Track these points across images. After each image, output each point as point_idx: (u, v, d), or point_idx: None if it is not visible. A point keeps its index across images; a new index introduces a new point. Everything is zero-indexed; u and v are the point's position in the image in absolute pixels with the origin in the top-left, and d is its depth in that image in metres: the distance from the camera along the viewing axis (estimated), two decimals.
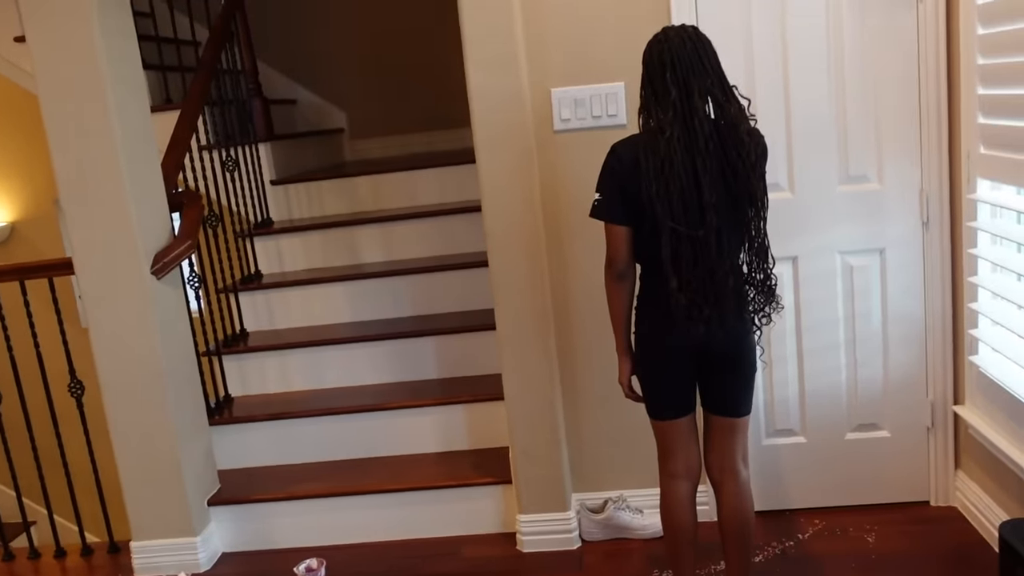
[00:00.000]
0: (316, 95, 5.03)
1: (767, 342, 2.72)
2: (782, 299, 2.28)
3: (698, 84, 1.93)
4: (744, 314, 2.06)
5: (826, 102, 2.59)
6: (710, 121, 1.94)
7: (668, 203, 1.93)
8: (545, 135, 2.67)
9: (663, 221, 1.94)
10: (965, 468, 2.72)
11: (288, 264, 3.83)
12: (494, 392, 2.99)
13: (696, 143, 1.92)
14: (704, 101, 1.93)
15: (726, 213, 1.96)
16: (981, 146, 2.39)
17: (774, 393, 2.77)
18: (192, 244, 2.85)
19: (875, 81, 2.56)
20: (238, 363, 3.42)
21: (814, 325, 2.72)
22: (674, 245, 1.95)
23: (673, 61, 1.94)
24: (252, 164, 3.84)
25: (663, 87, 1.94)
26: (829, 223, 2.65)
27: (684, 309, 1.97)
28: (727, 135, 1.94)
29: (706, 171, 1.92)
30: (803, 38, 2.55)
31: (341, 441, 3.18)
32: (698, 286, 1.96)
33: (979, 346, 2.52)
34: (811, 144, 2.62)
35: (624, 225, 2.03)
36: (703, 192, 1.92)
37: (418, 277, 3.53)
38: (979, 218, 2.45)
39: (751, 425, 2.72)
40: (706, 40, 1.99)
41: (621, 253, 2.06)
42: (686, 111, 1.92)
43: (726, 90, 1.96)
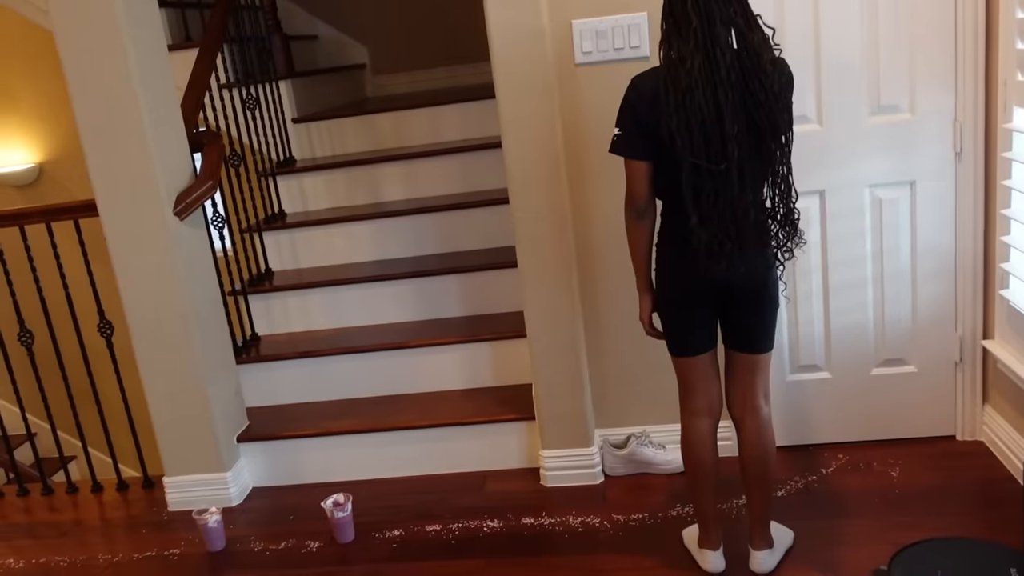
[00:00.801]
0: (337, 30, 4.96)
1: (792, 278, 2.69)
2: (804, 234, 2.24)
3: (720, 12, 1.86)
4: (767, 249, 2.03)
5: (857, 30, 2.49)
6: (732, 51, 1.88)
7: (689, 137, 1.88)
8: (566, 69, 2.61)
9: (684, 155, 1.90)
10: (993, 403, 2.69)
11: (311, 203, 3.83)
12: (518, 329, 2.99)
13: (718, 73, 1.86)
14: (726, 30, 1.87)
15: (748, 146, 1.91)
16: (1019, 74, 2.30)
17: (799, 330, 2.75)
18: (214, 184, 2.85)
19: (909, 7, 2.45)
20: (264, 302, 3.45)
21: (841, 261, 2.67)
22: (695, 180, 1.92)
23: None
24: (273, 102, 3.82)
25: (684, 16, 1.88)
26: (859, 156, 2.58)
27: (705, 246, 1.94)
28: (750, 65, 1.88)
29: (728, 102, 1.87)
30: None
31: (366, 379, 3.21)
32: (719, 222, 1.93)
33: (1010, 280, 2.47)
34: (841, 74, 2.53)
35: (644, 160, 2.00)
36: (725, 124, 1.87)
37: (441, 215, 3.52)
38: (1014, 148, 2.37)
39: (775, 361, 2.72)
40: None
41: (641, 189, 2.02)
42: (707, 40, 1.86)
43: (749, 18, 1.90)
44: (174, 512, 2.98)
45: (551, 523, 2.63)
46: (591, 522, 2.60)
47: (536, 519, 2.66)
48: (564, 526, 2.60)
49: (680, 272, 2.05)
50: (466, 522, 2.69)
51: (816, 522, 2.43)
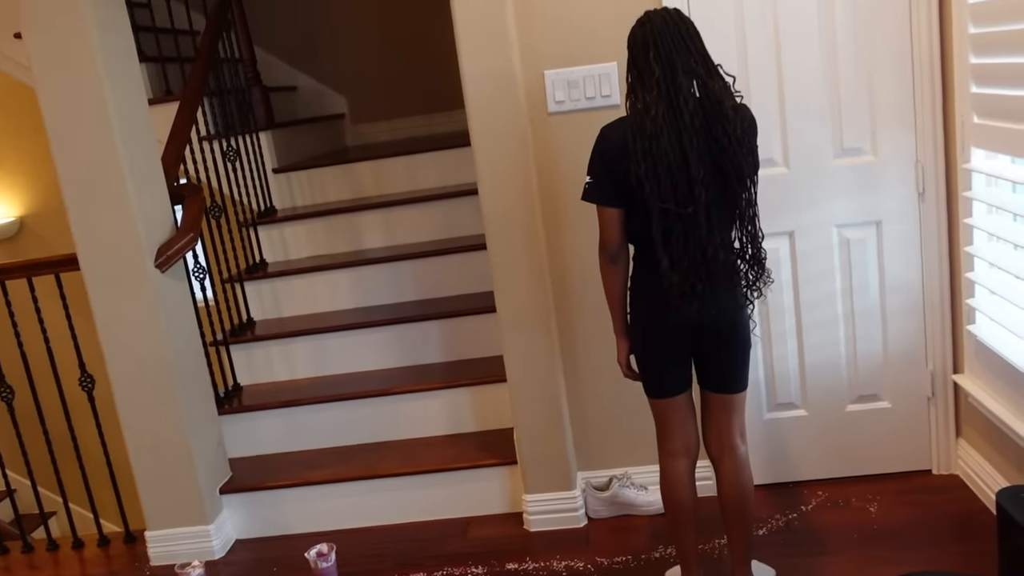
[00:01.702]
0: (316, 81, 5.04)
1: (766, 318, 2.74)
2: (772, 273, 2.29)
3: (681, 62, 1.94)
4: (737, 289, 2.08)
5: (819, 76, 2.58)
6: (695, 98, 1.96)
7: (657, 182, 1.95)
8: (540, 117, 2.68)
9: (653, 200, 1.95)
10: (966, 436, 2.73)
11: (292, 252, 3.86)
12: (498, 374, 3.02)
13: (682, 120, 1.93)
14: (688, 79, 1.95)
15: (715, 189, 1.98)
16: (975, 115, 2.38)
17: (774, 368, 2.79)
18: (195, 236, 2.89)
19: (868, 54, 2.55)
20: (246, 352, 3.47)
21: (812, 299, 2.73)
22: (664, 224, 1.97)
23: (656, 41, 1.95)
24: (253, 153, 3.87)
25: (647, 67, 1.96)
26: (825, 197, 2.65)
27: (677, 287, 1.99)
28: (712, 111, 1.96)
29: (693, 147, 1.93)
30: (794, 11, 2.54)
31: (349, 427, 3.22)
32: (690, 264, 1.99)
33: (976, 315, 2.53)
34: (805, 118, 2.61)
35: (615, 207, 2.05)
36: (691, 168, 1.94)
37: (420, 261, 3.56)
38: (974, 188, 2.45)
39: (752, 400, 2.76)
40: (688, 21, 2.00)
41: (613, 235, 2.08)
42: (671, 89, 1.94)
43: (710, 68, 1.98)
44: (156, 567, 2.96)
45: (535, 568, 2.63)
46: (575, 566, 2.61)
47: (520, 564, 2.66)
48: (548, 570, 2.61)
49: (654, 314, 2.09)
50: (450, 569, 2.69)
51: (797, 560, 2.45)
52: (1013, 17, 2.10)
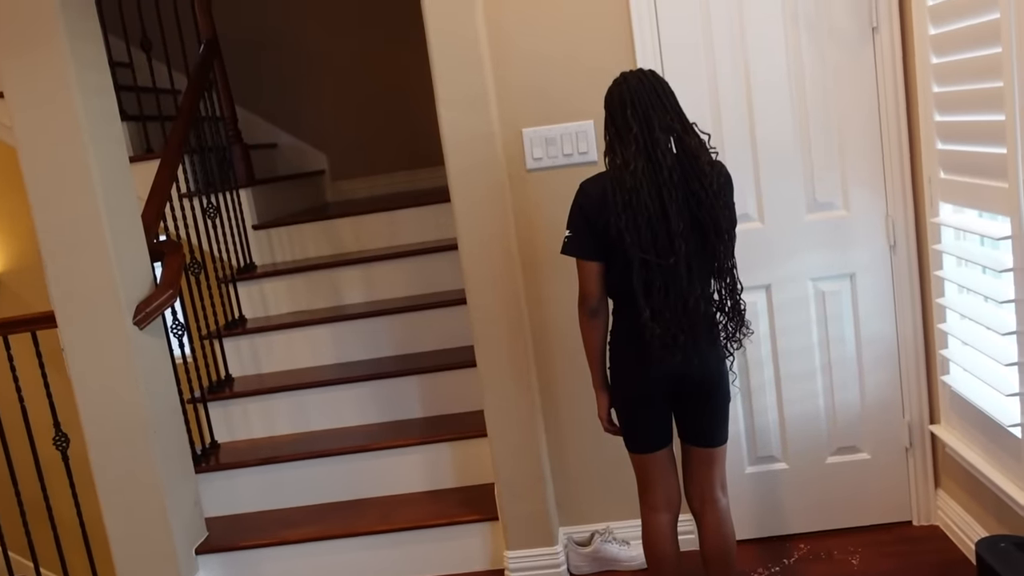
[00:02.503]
0: (296, 138, 5.09)
1: (745, 371, 2.76)
2: (752, 325, 2.33)
3: (658, 119, 2.00)
4: (716, 341, 2.11)
5: (791, 135, 2.65)
6: (672, 154, 2.01)
7: (638, 233, 1.98)
8: (518, 174, 2.73)
9: (634, 252, 1.99)
10: (945, 487, 2.75)
11: (272, 308, 3.86)
12: (479, 429, 3.02)
13: (660, 174, 1.98)
14: (665, 135, 2.00)
15: (694, 242, 2.02)
16: (941, 171, 2.45)
17: (755, 421, 2.81)
18: (174, 293, 2.88)
19: (837, 113, 2.62)
20: (223, 409, 3.44)
21: (790, 351, 2.76)
22: (645, 276, 2.00)
23: (633, 99, 2.01)
24: (234, 209, 3.88)
25: (625, 124, 2.02)
26: (799, 251, 2.70)
27: (658, 339, 2.01)
28: (689, 166, 2.00)
29: (672, 200, 1.98)
30: (765, 75, 2.62)
31: (328, 484, 3.19)
32: (671, 315, 2.01)
33: (950, 366, 2.57)
34: (778, 175, 2.67)
35: (595, 261, 2.08)
36: (670, 221, 1.98)
37: (400, 316, 3.57)
38: (943, 241, 2.51)
39: (734, 454, 2.77)
40: (663, 81, 2.06)
41: (593, 288, 2.10)
42: (648, 144, 1.99)
43: (685, 125, 2.04)
44: None
45: None
46: None
47: None
48: None
49: (635, 368, 2.11)
50: None
51: None
52: (974, 77, 2.18)
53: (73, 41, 2.61)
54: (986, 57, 2.08)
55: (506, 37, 2.65)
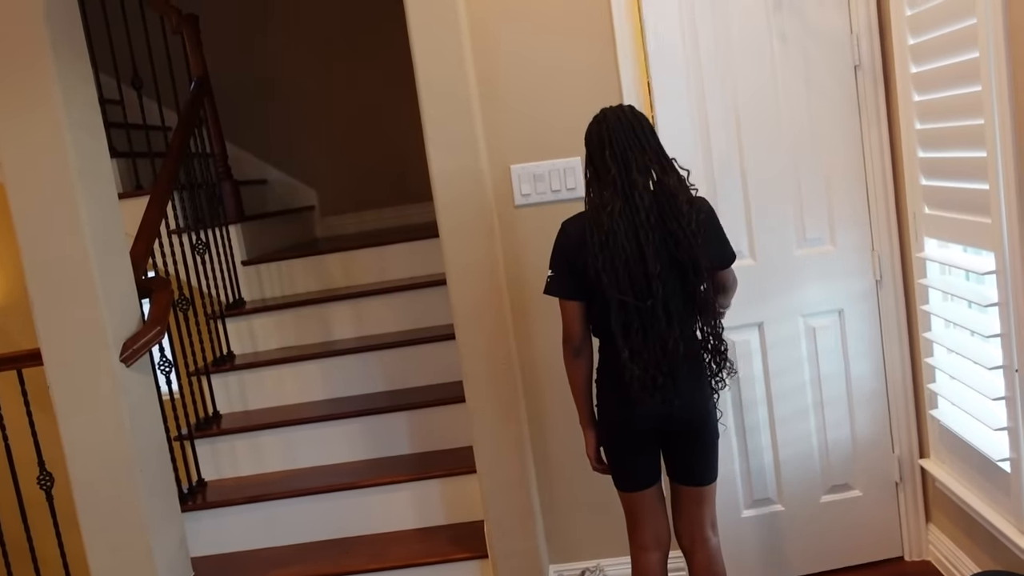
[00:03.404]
0: (286, 174, 5.11)
1: (739, 409, 2.73)
2: (735, 364, 2.32)
3: (636, 159, 2.01)
4: (702, 380, 2.10)
5: (778, 167, 2.66)
6: (650, 194, 2.02)
7: (614, 275, 1.99)
8: (507, 210, 2.74)
9: (611, 293, 1.99)
10: (936, 521, 2.74)
11: (261, 344, 3.84)
12: (469, 465, 2.99)
13: (637, 216, 1.99)
14: (643, 175, 2.01)
15: (672, 282, 2.02)
16: (925, 206, 2.48)
17: (749, 462, 2.76)
18: (161, 330, 2.87)
19: (825, 146, 2.64)
20: (211, 446, 3.41)
21: (783, 390, 2.73)
22: (623, 317, 2.00)
23: (612, 139, 2.03)
24: (223, 246, 3.88)
25: (603, 165, 2.03)
26: (790, 287, 2.69)
27: (638, 380, 2.00)
28: (667, 206, 2.01)
29: (649, 242, 1.98)
30: (753, 115, 2.63)
31: (317, 522, 3.15)
32: (650, 356, 2.01)
33: (939, 400, 2.57)
34: (768, 211, 2.67)
35: (576, 300, 2.09)
36: (647, 263, 1.98)
37: (390, 352, 3.56)
38: (929, 275, 2.53)
39: (729, 498, 2.72)
40: (642, 117, 2.08)
41: (575, 327, 2.10)
42: (626, 186, 2.00)
43: (664, 163, 2.05)
44: None
45: None
46: None
47: None
48: None
49: (620, 406, 2.10)
50: None
51: None
52: (956, 114, 2.21)
53: (63, 80, 2.62)
54: (967, 95, 2.11)
55: (495, 77, 2.68)
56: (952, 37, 2.15)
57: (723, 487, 2.53)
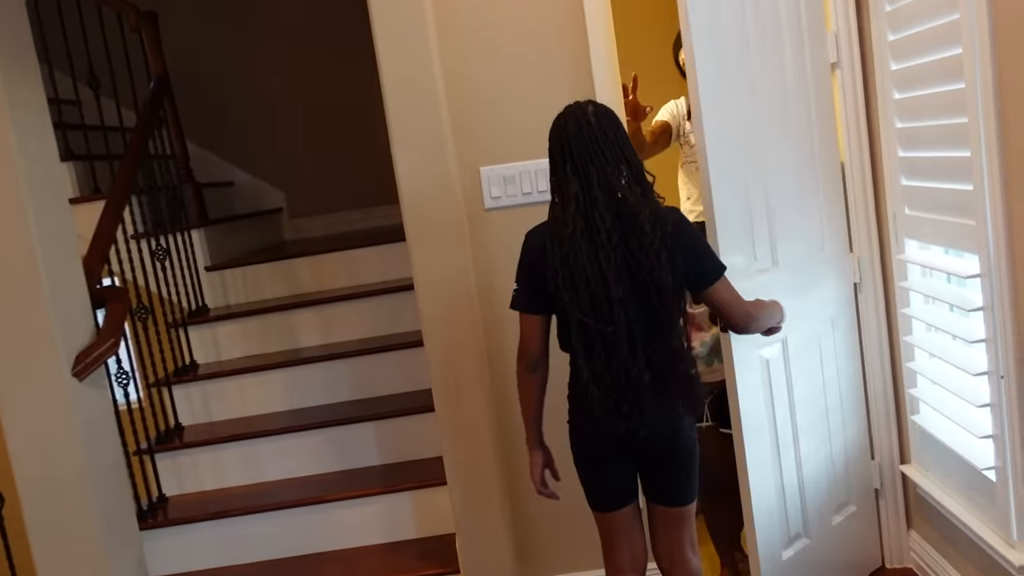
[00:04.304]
0: (253, 176, 4.98)
1: (773, 430, 2.46)
2: (703, 387, 2.11)
3: (598, 172, 1.89)
4: (673, 403, 1.98)
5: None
6: (612, 211, 1.89)
7: (575, 294, 1.88)
8: (476, 213, 2.65)
9: (572, 311, 1.89)
10: (917, 528, 2.68)
11: (225, 352, 3.71)
12: (440, 476, 2.88)
13: (598, 236, 1.88)
14: (605, 191, 1.89)
15: (636, 306, 1.90)
16: (906, 207, 2.41)
17: (785, 492, 2.47)
18: (116, 342, 2.74)
19: (805, 149, 2.54)
20: (172, 460, 3.28)
21: (799, 402, 2.51)
22: (584, 338, 1.90)
23: (572, 151, 1.91)
24: (185, 251, 3.75)
25: (565, 178, 1.93)
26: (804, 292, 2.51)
27: (599, 403, 1.90)
28: (629, 224, 1.89)
29: (610, 265, 1.87)
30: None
31: (283, 538, 3.04)
32: (613, 382, 1.90)
33: (920, 405, 2.51)
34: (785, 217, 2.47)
35: (537, 314, 1.99)
36: (609, 287, 1.87)
37: (358, 359, 3.45)
38: (910, 278, 2.47)
39: (771, 538, 2.44)
40: (607, 119, 1.94)
41: (534, 343, 2.01)
42: (587, 204, 1.89)
43: (627, 172, 1.91)
44: None
45: None
46: None
47: None
48: None
49: (588, 426, 2.01)
50: None
51: None
52: (938, 112, 2.15)
53: (7, 80, 2.49)
54: (950, 92, 2.04)
55: (463, 76, 2.59)
56: (934, 33, 2.09)
57: (764, 524, 2.39)
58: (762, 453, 2.41)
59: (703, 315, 2.55)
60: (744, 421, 2.34)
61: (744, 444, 2.34)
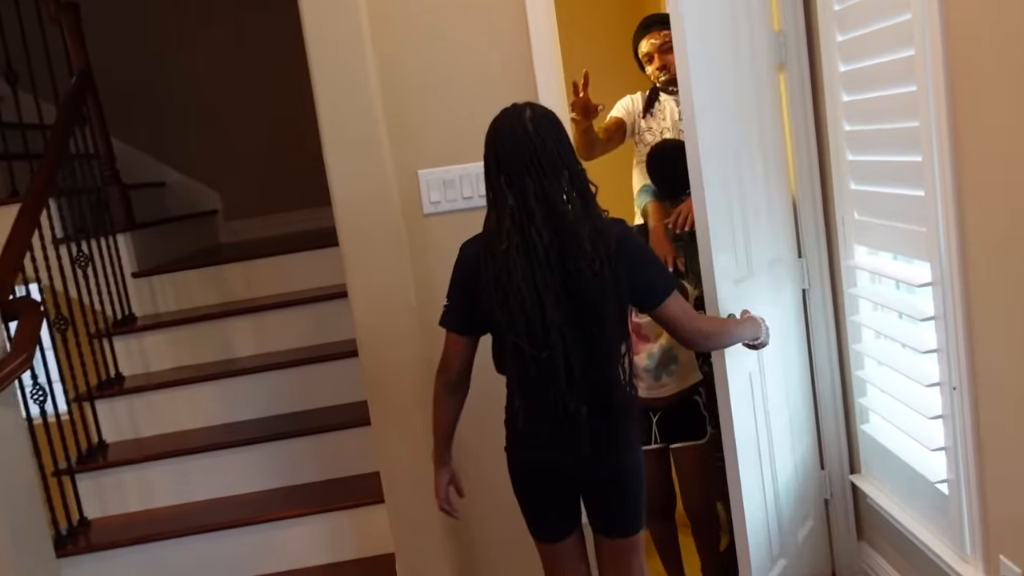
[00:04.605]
0: (186, 176, 4.77)
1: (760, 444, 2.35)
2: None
3: (534, 185, 1.74)
4: (616, 431, 1.86)
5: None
6: (549, 227, 1.75)
7: (509, 316, 1.75)
8: (415, 219, 2.53)
9: (506, 333, 1.77)
10: (868, 539, 2.64)
11: (154, 364, 3.53)
12: (380, 493, 2.76)
13: (535, 254, 1.74)
14: (542, 205, 1.75)
15: (575, 332, 1.77)
16: (855, 212, 2.35)
17: (768, 512, 2.37)
18: (28, 357, 2.56)
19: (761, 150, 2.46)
20: (95, 480, 3.09)
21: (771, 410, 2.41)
22: (519, 362, 1.77)
23: (508, 163, 1.77)
24: (110, 257, 3.55)
25: (500, 191, 1.79)
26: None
27: (526, 433, 1.80)
28: (568, 242, 1.75)
29: (548, 287, 1.74)
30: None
31: (215, 562, 2.88)
32: (550, 412, 1.78)
33: (870, 415, 2.46)
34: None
35: (464, 334, 1.88)
36: (546, 311, 1.73)
37: (295, 370, 3.30)
38: (859, 285, 2.41)
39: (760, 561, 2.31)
40: (545, 123, 1.79)
41: (456, 363, 1.89)
42: (523, 219, 1.75)
43: (568, 182, 1.78)
44: None
45: None
46: None
47: None
48: None
49: (524, 454, 1.89)
50: None
51: None
52: (889, 116, 2.09)
53: None
54: (901, 95, 1.98)
55: (398, 71, 2.46)
56: (884, 34, 2.02)
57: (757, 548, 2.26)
58: (752, 473, 2.27)
59: (649, 325, 2.45)
60: (738, 438, 2.19)
61: (738, 463, 2.19)
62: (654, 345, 2.50)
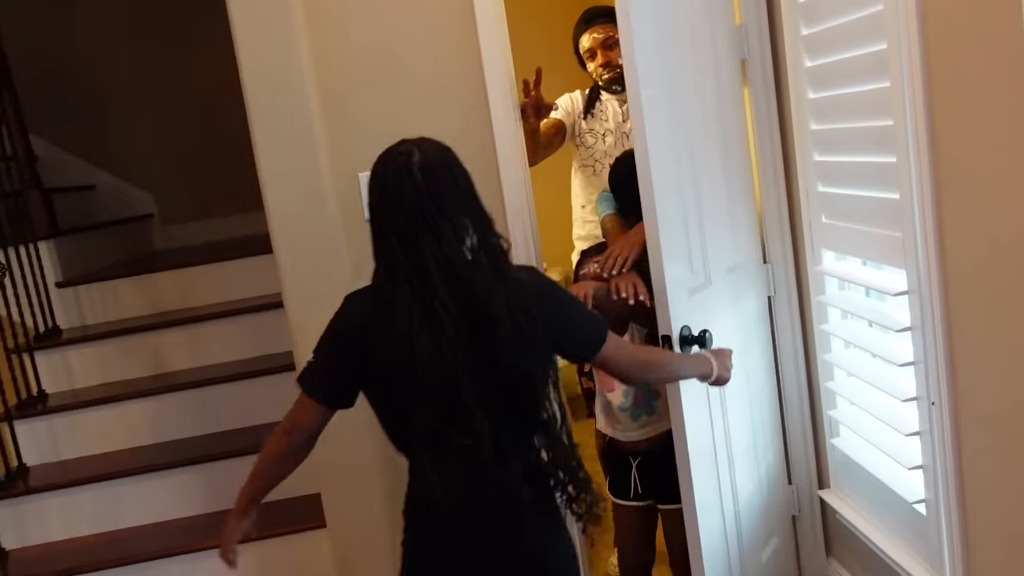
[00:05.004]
0: (118, 178, 4.51)
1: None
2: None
3: (432, 248, 1.47)
4: (553, 522, 1.66)
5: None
6: (457, 301, 1.48)
7: (424, 407, 1.52)
8: (356, 225, 2.34)
9: (416, 423, 1.53)
10: (837, 556, 2.53)
11: (80, 380, 3.29)
12: (321, 517, 2.58)
13: (442, 329, 1.48)
14: (444, 271, 1.48)
15: (503, 410, 1.52)
16: (823, 216, 2.23)
17: (728, 544, 2.20)
18: None
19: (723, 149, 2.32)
20: (14, 508, 2.86)
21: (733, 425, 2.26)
22: (434, 445, 1.54)
23: (399, 221, 1.49)
24: (30, 266, 3.31)
25: (390, 252, 1.51)
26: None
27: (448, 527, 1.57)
28: (479, 313, 1.49)
29: (461, 365, 1.48)
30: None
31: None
32: (482, 502, 1.56)
33: (840, 428, 2.34)
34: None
35: (329, 406, 1.62)
36: (462, 391, 1.49)
37: (232, 385, 3.09)
38: (827, 291, 2.29)
39: None
40: (439, 170, 1.50)
41: (308, 426, 1.64)
42: (424, 291, 1.48)
43: (472, 235, 1.51)
44: None
45: None
46: None
47: None
48: None
49: (439, 551, 1.64)
50: None
51: None
52: (860, 114, 1.97)
53: None
54: (872, 92, 1.86)
55: (335, 66, 2.29)
56: (854, 26, 1.90)
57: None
58: (709, 491, 2.10)
59: None
60: (691, 453, 2.00)
61: (692, 481, 2.01)
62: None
